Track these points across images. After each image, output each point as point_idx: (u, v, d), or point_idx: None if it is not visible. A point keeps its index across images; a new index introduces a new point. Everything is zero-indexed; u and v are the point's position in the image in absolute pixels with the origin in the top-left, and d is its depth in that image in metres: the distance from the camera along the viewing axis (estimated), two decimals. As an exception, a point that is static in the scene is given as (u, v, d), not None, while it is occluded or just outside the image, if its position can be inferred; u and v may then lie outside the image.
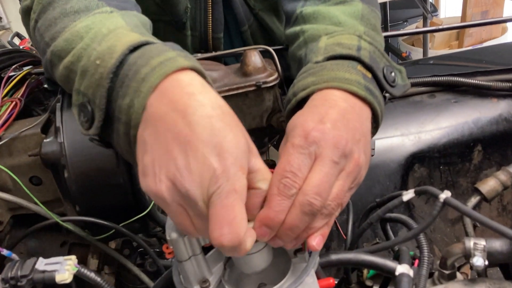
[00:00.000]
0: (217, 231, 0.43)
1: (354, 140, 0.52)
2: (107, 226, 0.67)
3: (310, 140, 0.50)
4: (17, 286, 0.52)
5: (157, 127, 0.45)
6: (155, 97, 0.46)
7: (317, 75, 0.59)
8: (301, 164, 0.49)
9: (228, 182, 0.43)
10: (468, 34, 2.76)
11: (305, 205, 0.48)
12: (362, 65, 0.60)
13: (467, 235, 0.72)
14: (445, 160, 0.96)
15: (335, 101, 0.55)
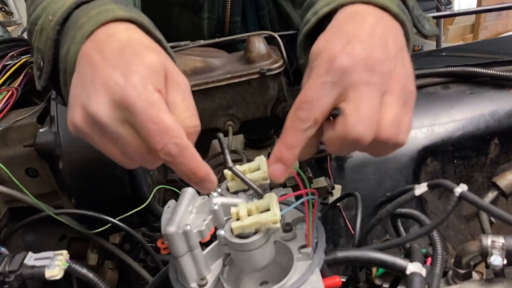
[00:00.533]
0: (158, 144, 0.41)
1: (388, 56, 0.45)
2: (102, 220, 0.64)
3: (336, 66, 0.43)
4: (5, 282, 0.50)
5: (79, 67, 0.46)
6: (88, 44, 0.46)
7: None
8: (321, 95, 0.43)
9: (139, 98, 0.41)
10: (484, 27, 2.69)
11: (351, 139, 0.43)
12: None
13: (484, 232, 0.68)
14: (459, 154, 0.92)
15: (362, 15, 0.48)
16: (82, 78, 0.45)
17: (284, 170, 0.45)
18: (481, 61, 0.98)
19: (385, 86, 0.44)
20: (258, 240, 0.47)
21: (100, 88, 0.42)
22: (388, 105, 0.44)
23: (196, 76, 0.69)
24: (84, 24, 0.47)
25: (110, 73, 0.42)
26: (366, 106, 0.43)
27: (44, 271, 0.49)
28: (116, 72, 0.42)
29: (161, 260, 0.74)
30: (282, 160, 0.45)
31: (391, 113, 0.44)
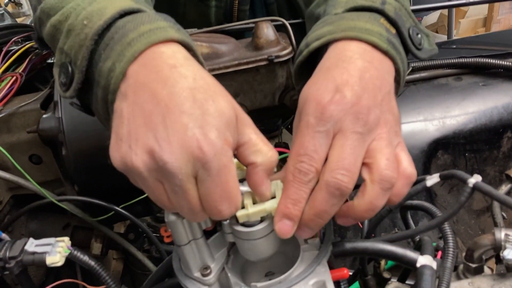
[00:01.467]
0: (216, 208, 0.42)
1: (376, 103, 0.46)
2: (105, 207, 0.63)
3: (327, 116, 0.44)
4: (5, 268, 0.49)
5: (136, 97, 0.42)
6: (137, 65, 0.43)
7: (334, 25, 0.53)
8: (317, 145, 0.44)
9: (215, 157, 0.40)
10: (496, 21, 2.64)
11: (331, 183, 0.42)
12: (386, 19, 0.54)
13: (496, 225, 0.66)
14: (471, 147, 0.89)
15: (350, 58, 0.49)
16: (146, 116, 0.41)
17: (292, 226, 0.44)
18: (493, 53, 0.95)
19: (373, 134, 0.45)
20: (263, 228, 0.46)
21: (175, 137, 0.40)
22: (380, 151, 0.45)
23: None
24: (134, 41, 0.44)
25: (187, 123, 0.40)
26: (350, 154, 0.44)
27: (45, 257, 0.48)
28: (193, 123, 0.40)
29: (165, 250, 0.74)
30: (289, 216, 0.44)
31: (384, 157, 0.45)
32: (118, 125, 0.43)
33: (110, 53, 0.44)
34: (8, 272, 0.49)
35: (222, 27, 0.76)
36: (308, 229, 0.45)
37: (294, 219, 0.44)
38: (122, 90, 0.43)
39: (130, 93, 0.43)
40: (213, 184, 0.41)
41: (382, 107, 0.47)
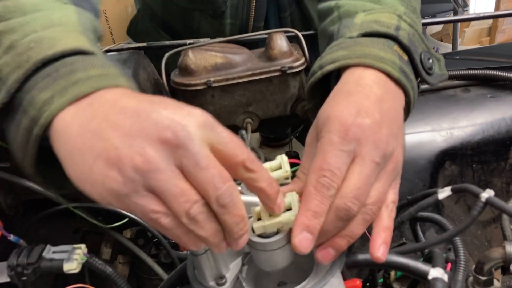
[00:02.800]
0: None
1: (393, 135, 0.48)
2: (119, 214, 0.64)
3: (350, 137, 0.46)
4: (23, 274, 0.49)
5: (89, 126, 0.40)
6: (79, 106, 0.41)
7: (349, 49, 0.55)
8: (339, 163, 0.45)
9: (221, 125, 0.42)
10: (501, 30, 2.65)
11: (341, 209, 0.44)
12: (399, 45, 0.56)
13: (506, 239, 0.66)
14: (478, 158, 0.90)
15: (370, 86, 0.51)
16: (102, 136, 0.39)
17: (312, 240, 0.44)
18: (498, 65, 0.96)
19: (384, 165, 0.47)
20: (279, 240, 0.46)
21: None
22: (379, 182, 0.47)
23: (217, 72, 0.68)
24: (81, 82, 0.42)
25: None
26: (365, 184, 0.45)
27: (63, 264, 0.49)
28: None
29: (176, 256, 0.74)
30: (310, 229, 0.44)
31: (378, 190, 0.47)
32: (94, 139, 0.40)
33: (51, 85, 0.42)
34: (26, 278, 0.49)
35: (236, 37, 0.77)
36: (331, 250, 0.47)
37: (314, 232, 0.44)
38: (61, 130, 0.41)
39: (88, 115, 0.41)
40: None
41: (397, 141, 0.49)
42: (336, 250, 0.47)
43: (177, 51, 0.73)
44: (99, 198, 0.40)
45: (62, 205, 0.63)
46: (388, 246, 0.47)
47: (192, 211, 0.40)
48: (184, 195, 0.39)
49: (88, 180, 0.39)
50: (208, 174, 0.40)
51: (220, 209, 0.41)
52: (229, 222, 0.41)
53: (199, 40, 0.76)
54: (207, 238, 0.41)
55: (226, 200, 0.40)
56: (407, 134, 0.87)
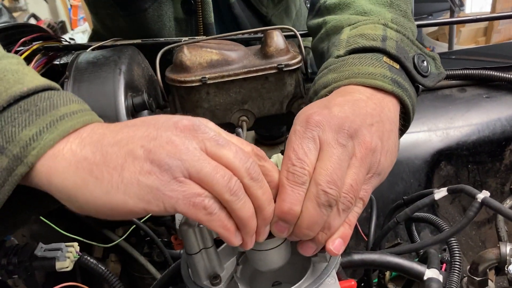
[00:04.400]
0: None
1: (363, 122, 0.48)
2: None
3: (312, 123, 0.46)
4: (14, 272, 0.49)
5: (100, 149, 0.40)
6: (70, 140, 0.41)
7: (338, 71, 0.56)
8: (306, 149, 0.45)
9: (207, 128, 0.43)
10: (496, 30, 2.66)
11: (320, 195, 0.43)
12: (388, 56, 0.56)
13: (500, 240, 0.66)
14: (474, 159, 0.90)
15: (349, 92, 0.52)
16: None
17: (288, 228, 0.44)
18: (494, 65, 0.96)
19: (353, 150, 0.46)
20: (274, 240, 0.46)
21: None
22: (352, 169, 0.46)
23: (212, 69, 0.68)
24: (68, 117, 0.42)
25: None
26: (336, 168, 0.44)
27: (55, 262, 0.48)
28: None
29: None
30: (285, 218, 0.44)
31: (352, 178, 0.46)
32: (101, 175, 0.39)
33: (35, 121, 0.40)
34: (17, 276, 0.48)
35: (232, 34, 0.76)
36: (311, 243, 0.46)
37: (289, 221, 0.44)
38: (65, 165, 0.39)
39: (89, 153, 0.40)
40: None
41: (370, 129, 0.48)
42: (315, 244, 0.46)
43: (172, 47, 0.72)
44: (137, 202, 0.39)
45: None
46: (346, 242, 0.46)
47: (232, 184, 0.40)
48: (219, 171, 0.40)
49: (120, 189, 0.39)
50: (232, 149, 0.41)
51: (251, 182, 0.41)
52: (261, 199, 0.42)
53: (195, 37, 0.75)
54: (247, 219, 0.41)
55: (255, 173, 0.42)
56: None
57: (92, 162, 0.39)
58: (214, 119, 0.71)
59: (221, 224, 0.41)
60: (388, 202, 0.85)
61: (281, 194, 0.44)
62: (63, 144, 0.40)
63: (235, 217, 0.41)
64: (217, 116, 0.71)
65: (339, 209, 0.45)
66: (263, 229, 0.44)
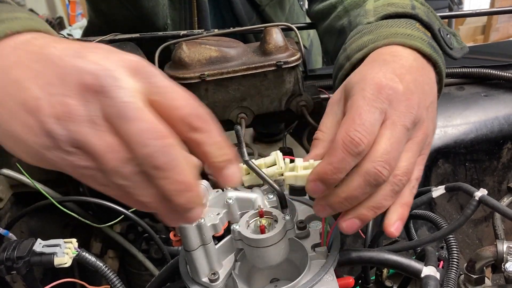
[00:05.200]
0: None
1: (424, 106, 0.47)
2: (111, 209, 0.63)
3: (384, 96, 0.44)
4: (13, 267, 0.49)
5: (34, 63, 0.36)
6: (5, 46, 0.38)
7: (373, 33, 0.53)
8: (372, 120, 0.43)
9: (159, 71, 0.38)
10: (495, 29, 2.66)
11: (371, 174, 0.42)
12: (420, 23, 0.55)
13: (497, 237, 0.67)
14: (471, 157, 0.90)
15: (405, 57, 0.49)
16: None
17: (323, 190, 0.43)
18: (492, 63, 0.96)
19: (413, 134, 0.46)
20: (273, 236, 0.46)
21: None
22: (408, 152, 0.45)
23: (211, 66, 0.67)
24: (8, 21, 0.40)
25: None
26: (395, 149, 0.43)
27: (53, 258, 0.48)
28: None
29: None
30: (325, 181, 0.42)
31: (408, 161, 0.45)
32: (15, 89, 0.35)
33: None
34: (16, 272, 0.48)
35: (231, 31, 0.76)
36: (330, 209, 0.45)
37: (328, 185, 0.42)
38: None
39: (12, 61, 0.37)
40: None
41: (428, 113, 0.47)
42: (361, 221, 0.45)
43: (171, 43, 0.72)
44: (26, 156, 0.36)
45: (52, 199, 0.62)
46: (403, 223, 0.46)
47: (123, 170, 0.34)
48: (112, 151, 0.34)
49: (10, 136, 0.36)
50: (135, 126, 0.34)
51: (153, 171, 0.34)
52: (167, 189, 0.35)
53: (193, 32, 0.75)
54: (149, 204, 0.36)
55: (159, 161, 0.34)
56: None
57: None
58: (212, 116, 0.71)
59: (120, 200, 0.36)
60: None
61: (331, 156, 0.42)
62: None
63: (132, 198, 0.36)
64: (216, 113, 0.71)
65: (392, 190, 0.44)
66: (181, 216, 0.37)
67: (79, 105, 0.34)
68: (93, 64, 0.35)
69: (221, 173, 0.38)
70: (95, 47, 0.37)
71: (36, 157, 0.36)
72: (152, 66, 0.38)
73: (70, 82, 0.34)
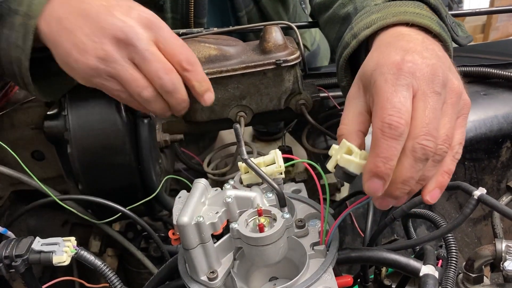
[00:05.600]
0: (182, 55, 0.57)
1: (446, 67, 0.46)
2: (110, 207, 0.63)
3: (405, 71, 0.44)
4: (11, 266, 0.48)
5: (70, 11, 0.54)
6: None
7: (382, 12, 0.53)
8: (401, 98, 0.42)
9: (165, 24, 0.56)
10: (494, 28, 2.67)
11: (417, 149, 0.42)
12: (428, 6, 0.55)
13: (496, 236, 0.67)
14: (470, 156, 0.90)
15: (413, 36, 0.49)
16: (83, 18, 0.54)
17: (383, 185, 0.43)
18: (491, 62, 0.96)
19: (446, 97, 0.45)
20: (272, 235, 0.46)
21: (124, 15, 0.55)
22: (445, 117, 0.44)
23: (210, 64, 0.67)
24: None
25: (124, 3, 0.56)
26: (433, 118, 0.43)
27: (52, 256, 0.48)
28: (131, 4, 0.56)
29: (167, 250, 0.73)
30: (380, 175, 0.42)
31: (446, 126, 0.44)
32: (68, 34, 0.53)
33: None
34: (14, 270, 0.48)
35: (230, 29, 0.76)
36: (392, 199, 0.44)
37: (385, 177, 0.42)
38: (51, 13, 0.53)
39: (62, 13, 0.53)
40: (179, 45, 0.57)
41: (452, 73, 0.46)
42: (403, 197, 0.45)
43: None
44: (79, 79, 0.56)
45: (50, 197, 0.62)
46: (442, 191, 0.45)
47: (143, 94, 0.55)
48: (136, 81, 0.54)
49: (68, 65, 0.55)
50: (153, 66, 0.54)
51: (165, 94, 0.56)
52: (173, 103, 0.57)
53: (192, 30, 0.75)
54: (155, 111, 0.58)
55: (169, 87, 0.55)
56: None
57: (58, 32, 0.54)
58: (212, 115, 0.71)
59: (131, 105, 0.59)
60: (385, 198, 0.85)
61: (376, 148, 0.42)
62: (53, 2, 0.54)
63: (147, 107, 0.58)
64: (215, 111, 0.70)
65: (435, 160, 0.44)
66: (178, 113, 0.60)
67: (114, 51, 0.53)
68: (121, 22, 0.53)
69: (201, 97, 0.60)
70: (119, 5, 0.55)
71: (84, 80, 0.56)
72: (160, 21, 0.56)
73: (107, 34, 0.53)
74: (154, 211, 0.76)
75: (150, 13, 0.56)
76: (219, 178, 0.77)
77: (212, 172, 0.77)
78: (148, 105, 0.57)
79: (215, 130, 0.93)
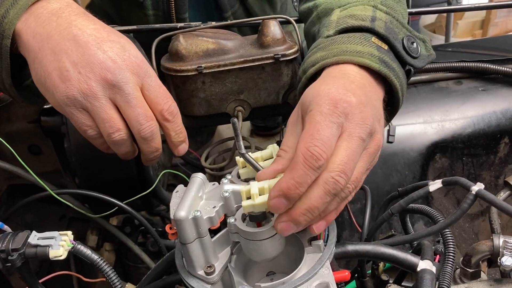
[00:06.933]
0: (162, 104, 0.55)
1: (377, 118, 0.49)
2: (107, 202, 0.63)
3: (340, 110, 0.46)
4: (7, 260, 0.48)
5: (55, 37, 0.52)
6: (38, 15, 0.53)
7: (326, 49, 0.56)
8: (330, 135, 0.45)
9: (153, 72, 0.55)
10: (493, 24, 2.66)
11: (329, 183, 0.44)
12: (377, 36, 0.57)
13: (493, 232, 0.67)
14: (468, 151, 0.90)
15: (353, 76, 0.52)
16: (81, 48, 0.52)
17: (287, 206, 0.44)
18: (490, 58, 0.96)
19: (368, 145, 0.48)
20: (269, 229, 0.46)
21: (116, 56, 0.53)
22: (361, 162, 0.47)
23: (208, 58, 0.67)
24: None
25: (117, 44, 0.54)
26: (352, 159, 0.45)
27: (48, 251, 0.48)
28: (122, 45, 0.55)
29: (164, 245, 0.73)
30: (288, 196, 0.44)
31: (359, 170, 0.47)
32: (52, 55, 0.51)
33: (3, 2, 0.52)
34: (10, 264, 0.48)
35: (228, 23, 0.76)
36: (295, 225, 0.45)
37: (291, 200, 0.44)
38: (26, 35, 0.52)
39: (42, 35, 0.52)
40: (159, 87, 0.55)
41: (380, 125, 0.50)
42: (299, 226, 0.46)
43: (168, 35, 0.71)
44: (51, 101, 0.53)
45: (47, 191, 0.62)
46: (327, 224, 0.48)
47: (113, 135, 0.53)
48: (110, 121, 0.53)
49: (44, 85, 0.52)
50: (135, 111, 0.53)
51: (141, 140, 0.55)
52: (146, 150, 0.56)
53: (190, 24, 0.75)
54: (119, 153, 0.56)
55: (147, 134, 0.54)
56: (399, 125, 0.88)
57: (36, 53, 0.52)
58: (209, 109, 0.70)
59: (96, 145, 0.56)
60: (383, 193, 0.85)
61: (293, 171, 0.44)
62: (29, 19, 0.53)
63: (115, 151, 0.56)
64: (213, 105, 0.70)
65: (339, 197, 0.46)
66: (148, 162, 0.58)
67: (98, 88, 0.51)
68: (111, 63, 0.52)
69: (175, 148, 0.59)
70: (111, 41, 0.54)
71: (55, 104, 0.53)
72: (148, 67, 0.55)
73: (95, 70, 0.51)
74: (151, 205, 0.75)
75: (141, 57, 0.55)
76: (216, 173, 0.76)
77: (210, 166, 0.77)
78: (115, 147, 0.55)
79: (213, 124, 0.93)
